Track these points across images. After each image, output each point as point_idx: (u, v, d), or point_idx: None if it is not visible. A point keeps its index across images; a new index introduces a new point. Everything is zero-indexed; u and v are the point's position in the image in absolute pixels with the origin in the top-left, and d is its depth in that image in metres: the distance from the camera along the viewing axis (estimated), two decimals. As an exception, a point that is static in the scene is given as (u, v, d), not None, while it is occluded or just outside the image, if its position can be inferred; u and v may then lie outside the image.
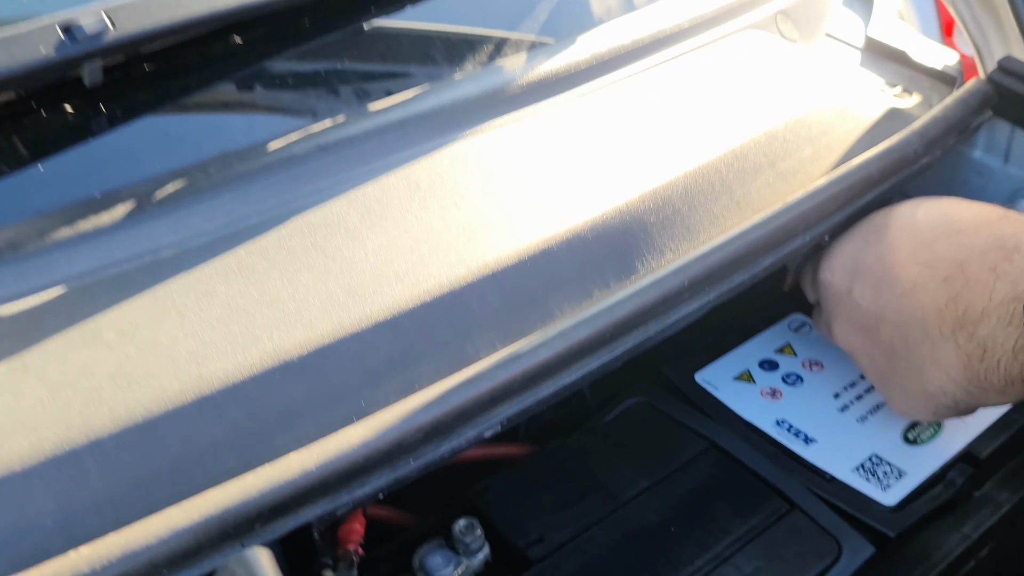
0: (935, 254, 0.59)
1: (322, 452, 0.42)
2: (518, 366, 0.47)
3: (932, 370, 0.60)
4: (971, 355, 0.57)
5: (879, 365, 0.65)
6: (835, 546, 0.58)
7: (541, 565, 0.59)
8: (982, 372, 0.57)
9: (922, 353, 0.60)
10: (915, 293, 0.60)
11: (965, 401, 0.60)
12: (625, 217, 0.57)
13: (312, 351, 0.46)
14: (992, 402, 0.60)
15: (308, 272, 0.51)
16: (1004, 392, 0.57)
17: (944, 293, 0.58)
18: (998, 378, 0.56)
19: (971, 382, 0.58)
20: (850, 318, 0.65)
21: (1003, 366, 0.56)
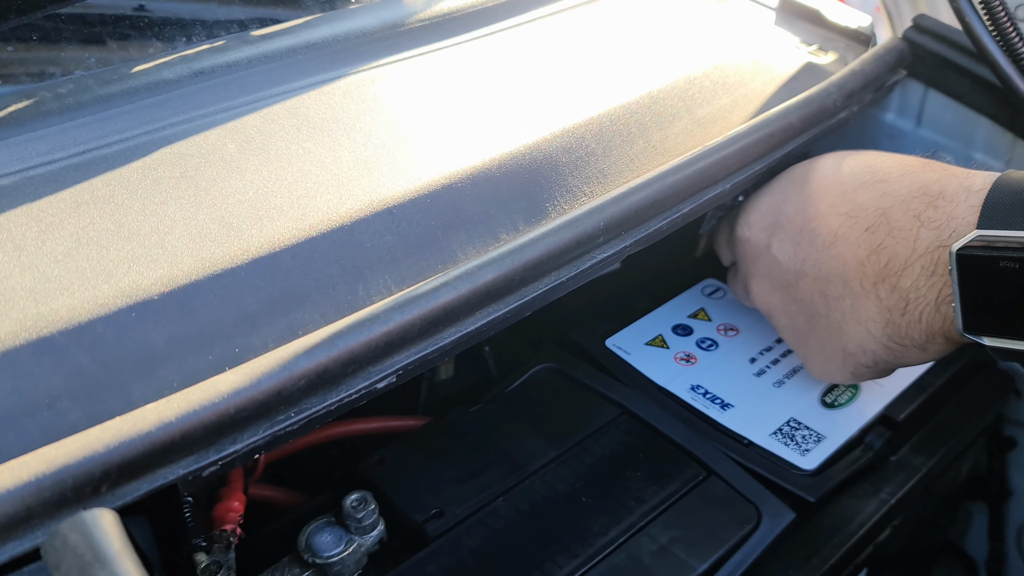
0: (857, 204, 0.56)
1: (185, 402, 0.35)
2: (416, 309, 0.42)
3: (852, 327, 0.57)
4: (892, 309, 0.54)
5: (797, 324, 0.62)
6: (754, 512, 0.55)
7: (440, 541, 0.54)
8: (903, 327, 0.54)
9: (842, 309, 0.57)
10: (836, 245, 0.57)
11: (885, 360, 0.57)
12: (535, 156, 0.52)
13: (176, 289, 0.40)
14: (912, 360, 0.57)
15: (175, 204, 0.44)
16: (925, 348, 0.55)
17: (866, 244, 0.55)
18: (919, 332, 0.54)
19: (892, 338, 0.55)
20: (768, 275, 0.62)
21: (925, 319, 0.53)
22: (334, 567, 0.52)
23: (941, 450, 0.65)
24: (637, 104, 0.59)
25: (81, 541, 0.29)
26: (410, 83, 0.58)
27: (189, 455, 0.36)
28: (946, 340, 0.53)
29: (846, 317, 0.57)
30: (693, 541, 0.53)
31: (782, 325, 0.63)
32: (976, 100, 0.72)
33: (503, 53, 0.63)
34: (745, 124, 0.59)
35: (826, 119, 0.64)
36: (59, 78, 0.50)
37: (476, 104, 0.57)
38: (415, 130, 0.54)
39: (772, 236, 0.61)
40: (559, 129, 0.55)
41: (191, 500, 0.54)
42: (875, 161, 0.59)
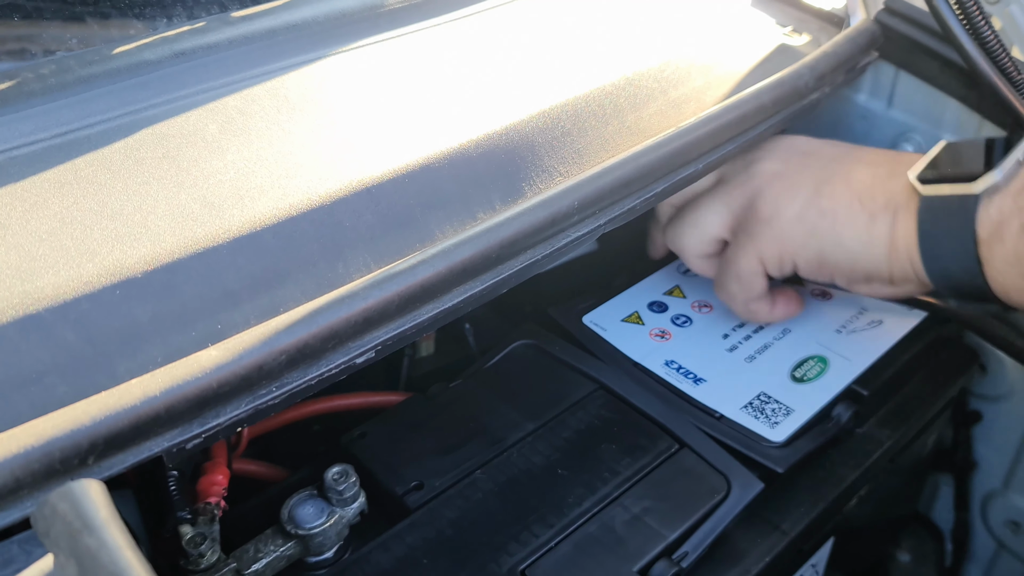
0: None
1: (169, 376, 0.37)
2: (394, 286, 0.43)
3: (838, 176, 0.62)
4: (879, 176, 0.61)
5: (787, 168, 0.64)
6: (724, 483, 0.57)
7: (419, 512, 0.55)
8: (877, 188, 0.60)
9: (837, 166, 0.63)
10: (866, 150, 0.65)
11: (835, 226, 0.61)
12: (512, 137, 0.53)
13: (159, 267, 0.41)
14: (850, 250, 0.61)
15: (157, 183, 0.45)
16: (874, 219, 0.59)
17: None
18: (885, 196, 0.59)
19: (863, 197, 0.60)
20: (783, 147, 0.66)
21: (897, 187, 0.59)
22: (316, 538, 0.54)
23: (906, 423, 0.67)
24: (612, 85, 0.60)
25: (69, 509, 0.30)
26: (389, 64, 0.59)
27: (173, 428, 0.37)
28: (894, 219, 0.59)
29: (837, 173, 0.62)
30: (664, 511, 0.55)
31: (767, 163, 0.65)
32: (945, 82, 0.74)
33: (481, 35, 0.64)
34: (717, 105, 0.60)
35: (798, 100, 0.66)
36: (41, 59, 0.51)
37: (455, 85, 0.58)
38: (394, 111, 0.55)
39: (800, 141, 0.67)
40: (536, 110, 0.56)
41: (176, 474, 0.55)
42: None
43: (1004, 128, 0.70)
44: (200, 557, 0.52)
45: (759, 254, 0.63)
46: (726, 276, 0.66)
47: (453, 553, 0.52)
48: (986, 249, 0.54)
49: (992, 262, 0.54)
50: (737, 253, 0.64)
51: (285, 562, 0.54)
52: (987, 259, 0.54)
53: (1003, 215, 0.53)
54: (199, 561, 0.51)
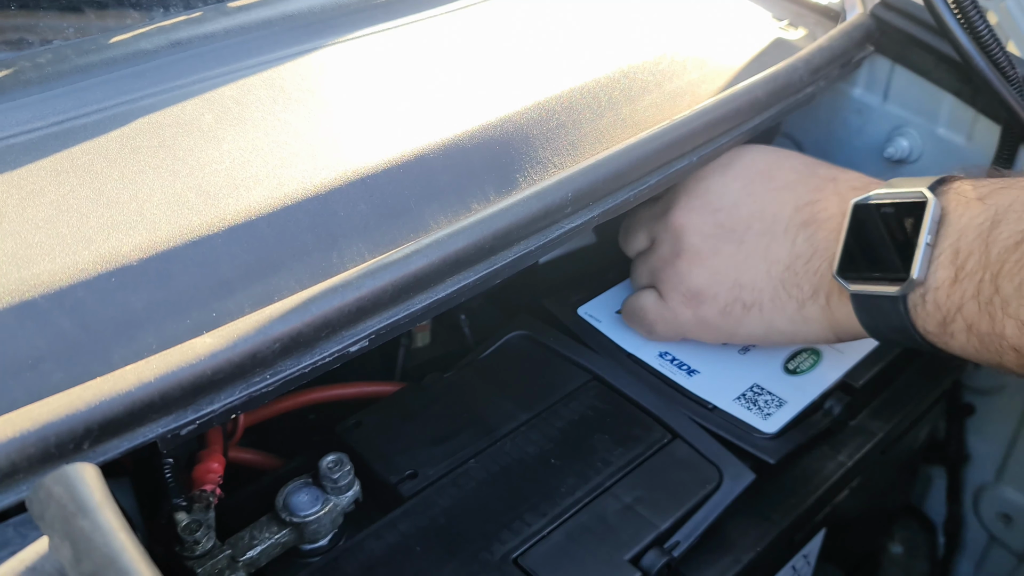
0: (815, 169, 0.63)
1: (163, 363, 0.37)
2: (388, 276, 0.43)
3: (756, 262, 0.60)
4: (799, 256, 0.59)
5: (705, 245, 0.62)
6: (716, 473, 0.57)
7: (413, 501, 0.55)
8: (800, 274, 0.59)
9: (757, 244, 0.60)
10: (784, 191, 0.61)
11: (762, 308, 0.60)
12: (507, 128, 0.54)
13: (155, 255, 0.41)
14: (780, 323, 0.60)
15: (154, 172, 0.45)
16: (803, 305, 0.58)
17: (809, 195, 0.60)
18: (809, 284, 0.58)
19: (784, 284, 0.59)
20: (701, 198, 0.63)
21: (820, 271, 0.58)
22: (310, 526, 0.54)
23: (898, 415, 0.67)
24: (608, 78, 0.61)
25: (64, 493, 0.30)
26: (386, 55, 0.59)
27: (168, 414, 0.38)
28: (827, 302, 0.57)
29: (755, 252, 0.60)
30: (656, 500, 0.55)
31: (688, 243, 0.62)
32: (940, 76, 0.74)
33: (477, 27, 0.65)
34: (712, 98, 0.60)
35: (793, 94, 0.66)
36: (38, 48, 0.51)
37: (450, 76, 0.58)
38: (390, 102, 0.55)
39: (725, 171, 0.63)
40: (531, 102, 0.56)
41: (171, 461, 0.56)
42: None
43: (998, 122, 0.70)
44: (195, 544, 0.52)
45: (679, 333, 0.65)
46: (637, 324, 0.67)
47: (446, 541, 0.53)
48: (939, 339, 0.51)
49: (951, 347, 0.51)
50: (656, 321, 0.65)
51: (280, 549, 0.55)
52: (945, 344, 0.51)
53: (943, 312, 0.50)
54: (194, 548, 0.52)
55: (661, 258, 0.64)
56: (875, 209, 0.54)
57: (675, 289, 0.63)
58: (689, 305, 0.62)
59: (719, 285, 0.61)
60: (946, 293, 0.49)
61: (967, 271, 0.48)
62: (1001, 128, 0.70)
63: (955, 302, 0.49)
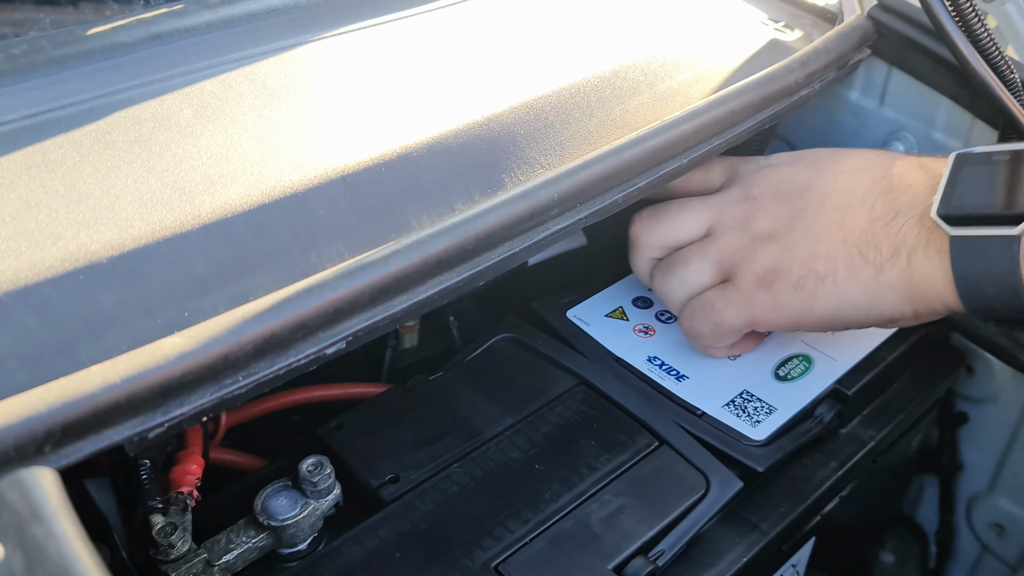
0: (889, 155, 0.63)
1: (130, 364, 0.36)
2: (366, 276, 0.42)
3: (832, 232, 0.58)
4: (878, 220, 0.57)
5: (778, 223, 0.60)
6: (703, 481, 0.56)
7: (394, 505, 0.55)
8: (879, 235, 0.56)
9: (831, 219, 0.59)
10: (857, 173, 0.60)
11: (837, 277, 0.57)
12: (493, 127, 0.53)
13: (126, 252, 0.40)
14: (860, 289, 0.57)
15: (128, 168, 0.44)
16: (882, 269, 0.56)
17: (884, 172, 0.59)
18: (889, 245, 0.56)
19: (860, 248, 0.57)
20: (774, 180, 0.63)
21: (903, 230, 0.55)
22: (289, 529, 0.53)
23: (890, 424, 0.66)
24: (598, 78, 0.60)
25: (19, 498, 0.29)
26: (372, 52, 0.58)
27: (135, 417, 0.36)
28: (907, 264, 0.55)
29: (831, 223, 0.58)
30: (642, 508, 0.54)
31: (761, 226, 0.61)
32: (937, 80, 0.73)
33: (466, 24, 0.63)
34: (704, 100, 0.59)
35: (787, 96, 0.65)
36: (12, 39, 0.50)
37: (437, 74, 0.57)
38: (374, 99, 0.54)
39: (793, 162, 0.64)
40: (518, 101, 0.55)
41: (148, 463, 0.55)
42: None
43: (996, 127, 0.70)
44: (170, 547, 0.51)
45: (751, 317, 0.61)
46: (702, 320, 0.62)
47: (426, 547, 0.52)
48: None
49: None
50: (726, 307, 0.61)
51: (257, 553, 0.54)
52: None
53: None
54: (169, 551, 0.51)
55: (728, 244, 0.61)
56: (983, 157, 0.54)
57: (747, 271, 0.60)
58: (762, 285, 0.60)
59: (792, 259, 0.59)
60: None
61: None
62: (999, 134, 0.69)
63: None
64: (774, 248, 0.59)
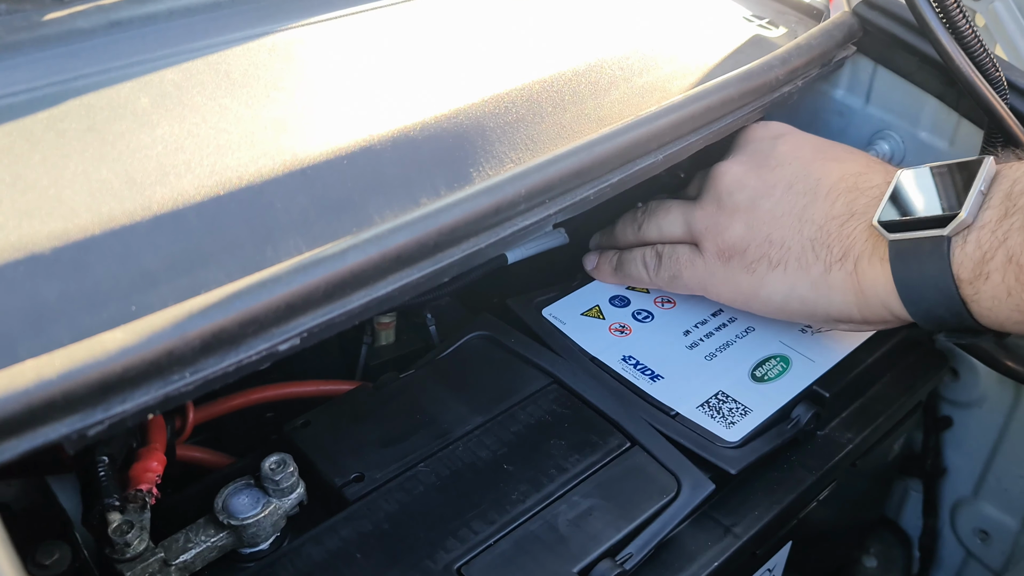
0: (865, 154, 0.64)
1: (68, 359, 0.35)
2: (321, 271, 0.41)
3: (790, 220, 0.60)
4: (836, 217, 0.58)
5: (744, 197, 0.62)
6: (674, 483, 0.55)
7: (357, 505, 0.53)
8: (833, 232, 0.57)
9: (794, 204, 0.60)
10: (834, 161, 0.61)
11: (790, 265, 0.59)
12: (461, 121, 0.51)
13: (70, 244, 0.39)
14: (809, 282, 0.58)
15: (78, 157, 0.43)
16: (830, 268, 0.57)
17: (856, 169, 0.60)
18: (841, 243, 0.57)
19: (816, 241, 0.58)
20: (753, 152, 0.64)
21: (856, 232, 0.57)
22: (249, 529, 0.52)
23: (870, 427, 0.65)
24: (573, 72, 0.59)
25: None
26: (339, 43, 0.57)
27: (73, 413, 0.35)
28: (855, 268, 0.56)
29: (791, 210, 0.60)
30: (610, 510, 0.53)
31: (730, 197, 0.62)
32: (923, 79, 0.72)
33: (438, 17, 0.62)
34: (682, 95, 0.58)
35: (768, 93, 0.64)
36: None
37: (406, 66, 0.56)
38: (340, 91, 0.53)
39: (775, 137, 0.64)
40: (489, 95, 0.54)
41: (107, 459, 0.54)
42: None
43: (981, 127, 0.68)
44: (126, 546, 0.50)
45: (703, 286, 0.64)
46: (664, 266, 0.66)
47: (388, 548, 0.51)
48: (969, 288, 0.51)
49: (979, 300, 0.51)
50: (688, 267, 0.64)
51: (217, 553, 0.53)
52: (972, 298, 0.51)
53: (983, 250, 0.50)
54: (125, 550, 0.50)
55: (702, 209, 0.63)
56: (927, 171, 0.56)
57: (712, 241, 0.62)
58: (721, 258, 0.62)
59: (751, 239, 0.60)
60: (991, 231, 0.50)
61: (1018, 207, 0.49)
62: (984, 133, 0.67)
63: (999, 237, 0.50)
64: (737, 225, 0.61)
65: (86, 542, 0.56)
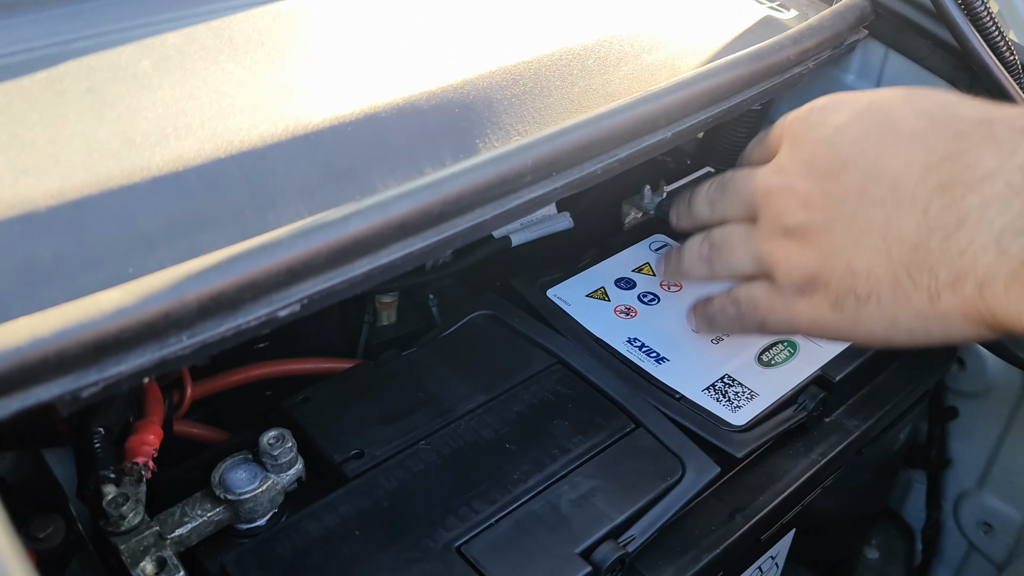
0: (957, 111, 0.47)
1: (62, 317, 0.34)
2: (323, 236, 0.40)
3: (874, 240, 0.47)
4: (936, 230, 0.44)
5: (812, 219, 0.50)
6: (679, 466, 0.54)
7: (356, 482, 0.53)
8: (936, 255, 0.44)
9: (873, 217, 0.47)
10: (909, 143, 0.47)
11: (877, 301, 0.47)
12: (469, 91, 0.51)
13: (67, 203, 0.38)
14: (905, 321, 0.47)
15: (77, 117, 0.42)
16: (937, 297, 0.44)
17: (945, 148, 0.45)
18: (948, 271, 0.43)
19: (910, 269, 0.45)
20: (811, 155, 0.51)
21: (971, 252, 0.42)
22: (246, 504, 0.51)
23: (876, 414, 0.64)
24: (583, 46, 0.58)
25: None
26: (345, 10, 0.56)
27: (67, 374, 0.34)
28: (979, 293, 0.42)
29: (873, 227, 0.47)
30: (614, 492, 0.53)
31: (794, 218, 0.50)
32: (935, 63, 0.71)
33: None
34: (691, 72, 0.57)
35: (778, 74, 0.63)
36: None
37: (415, 35, 0.55)
38: (345, 59, 0.52)
39: (835, 115, 0.51)
40: (497, 66, 0.53)
41: (102, 431, 0.53)
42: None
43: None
44: (121, 519, 0.49)
45: (793, 327, 0.53)
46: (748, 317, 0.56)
47: (387, 526, 0.50)
48: None
49: None
50: (770, 313, 0.54)
51: (213, 527, 0.52)
52: None
53: None
54: (120, 523, 0.49)
55: (764, 236, 0.52)
56: None
57: (784, 276, 0.51)
58: (802, 294, 0.51)
59: (831, 271, 0.49)
60: None
61: None
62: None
63: None
64: (808, 252, 0.50)
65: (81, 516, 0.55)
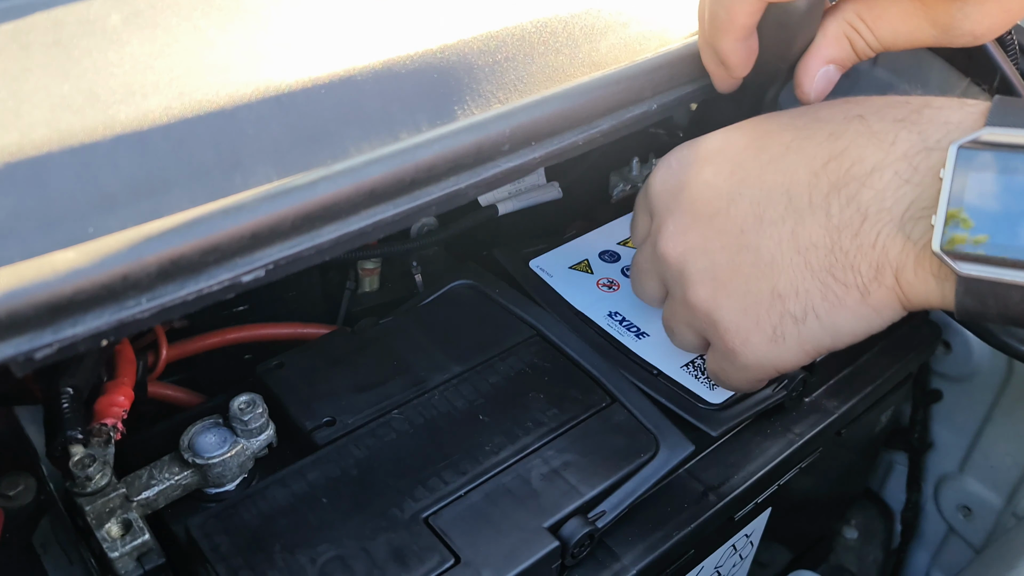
0: (819, 116, 0.47)
1: (14, 277, 0.33)
2: (289, 201, 0.39)
3: (788, 256, 0.46)
4: (843, 228, 0.44)
5: (717, 264, 0.49)
6: (653, 442, 0.54)
7: (326, 449, 0.52)
8: (852, 254, 0.44)
9: (779, 235, 0.46)
10: (786, 157, 0.46)
11: (817, 311, 0.46)
12: (448, 57, 0.49)
13: (26, 159, 0.37)
14: (846, 316, 0.46)
15: (41, 71, 0.41)
16: (867, 292, 0.44)
17: (826, 151, 0.45)
18: (868, 264, 0.43)
19: (833, 272, 0.45)
20: (690, 208, 0.50)
21: (881, 241, 0.43)
22: (215, 468, 0.51)
23: (857, 396, 0.64)
24: (569, 14, 0.56)
25: None
26: (326, -30, 0.55)
27: (19, 334, 0.34)
28: (896, 281, 0.43)
29: (782, 246, 0.46)
30: (585, 466, 0.52)
31: (698, 270, 0.49)
32: (932, 40, 0.69)
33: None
34: (679, 42, 0.56)
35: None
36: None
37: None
38: (322, 20, 0.51)
39: (706, 165, 0.50)
40: (479, 32, 0.52)
41: (71, 391, 0.52)
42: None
43: (990, 92, 0.66)
44: (87, 480, 0.49)
45: (755, 378, 0.52)
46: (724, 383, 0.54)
47: (355, 494, 0.50)
48: None
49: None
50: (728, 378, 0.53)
51: (181, 491, 0.51)
52: None
53: None
54: (86, 484, 0.49)
55: (683, 305, 0.51)
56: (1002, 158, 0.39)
57: (715, 339, 0.50)
58: (741, 347, 0.49)
59: (756, 308, 0.48)
60: None
61: None
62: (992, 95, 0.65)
63: None
64: (727, 303, 0.49)
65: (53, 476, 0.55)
